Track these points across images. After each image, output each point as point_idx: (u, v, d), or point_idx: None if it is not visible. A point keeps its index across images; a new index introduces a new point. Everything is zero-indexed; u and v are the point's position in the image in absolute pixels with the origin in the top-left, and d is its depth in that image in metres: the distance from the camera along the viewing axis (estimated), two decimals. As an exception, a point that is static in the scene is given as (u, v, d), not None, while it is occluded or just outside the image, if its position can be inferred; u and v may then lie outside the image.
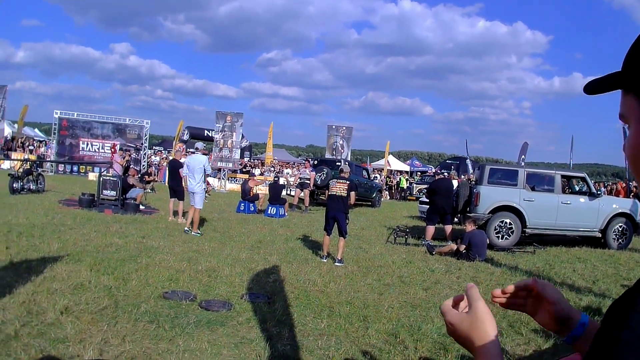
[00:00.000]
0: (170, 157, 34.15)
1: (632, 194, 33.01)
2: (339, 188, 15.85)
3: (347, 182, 15.98)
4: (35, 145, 60.14)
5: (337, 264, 15.13)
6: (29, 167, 29.06)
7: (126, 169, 29.04)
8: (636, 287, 1.21)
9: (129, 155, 37.08)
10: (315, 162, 40.57)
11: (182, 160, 22.07)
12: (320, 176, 32.09)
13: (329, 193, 16.17)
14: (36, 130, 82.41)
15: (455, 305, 1.76)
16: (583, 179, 22.81)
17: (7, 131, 58.81)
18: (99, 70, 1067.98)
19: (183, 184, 20.39)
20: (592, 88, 1.54)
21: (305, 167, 35.39)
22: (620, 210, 21.56)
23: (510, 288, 1.92)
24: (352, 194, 16.08)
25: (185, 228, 18.87)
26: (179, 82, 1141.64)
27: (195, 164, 19.83)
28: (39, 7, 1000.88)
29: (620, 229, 21.52)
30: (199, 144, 23.69)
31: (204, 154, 21.70)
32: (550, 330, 1.92)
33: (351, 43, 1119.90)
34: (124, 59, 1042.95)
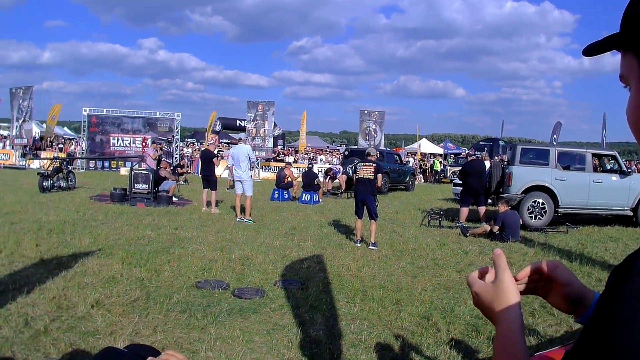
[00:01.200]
0: (202, 148, 34.21)
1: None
2: (366, 171, 15.91)
3: (374, 165, 16.02)
4: (64, 143, 60.51)
5: (371, 247, 15.17)
6: (58, 164, 29.20)
7: (158, 162, 29.13)
8: (631, 257, 1.17)
9: (160, 149, 37.21)
10: (346, 152, 40.64)
11: (216, 151, 22.22)
12: (351, 168, 32.07)
13: (357, 177, 16.23)
14: (65, 128, 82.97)
15: (482, 277, 1.73)
16: (614, 157, 22.63)
17: (35, 130, 59.13)
18: (128, 66, 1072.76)
19: (229, 173, 20.67)
20: (591, 50, 1.52)
21: (336, 170, 35.24)
22: (651, 188, 21.29)
23: (523, 274, 1.85)
24: (379, 176, 16.07)
25: (237, 218, 19.20)
26: (210, 74, 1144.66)
27: (240, 153, 20.45)
28: (62, 8, 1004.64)
29: (651, 207, 21.29)
30: (242, 135, 24.05)
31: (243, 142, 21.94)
32: (563, 311, 1.86)
33: (381, 28, 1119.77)
34: (152, 54, 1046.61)
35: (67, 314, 8.06)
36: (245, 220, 18.86)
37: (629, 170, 21.98)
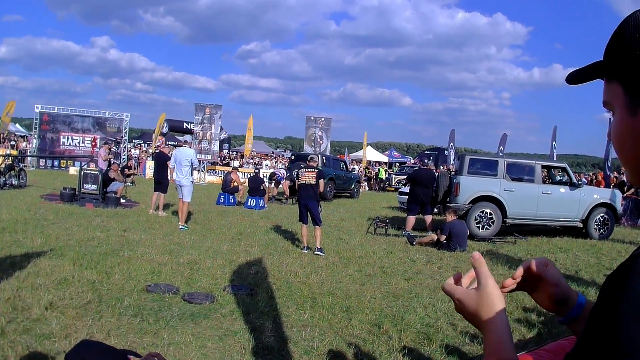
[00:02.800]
0: (150, 150, 33.92)
1: (612, 184, 33.31)
2: (307, 177, 16.12)
3: (316, 171, 16.26)
4: (16, 140, 59.81)
5: (317, 252, 15.30)
6: (10, 162, 29.04)
7: (108, 163, 29.03)
8: (631, 259, 1.24)
9: (110, 149, 37.07)
10: (292, 157, 40.77)
11: (170, 154, 21.99)
12: (296, 172, 32.14)
13: (299, 183, 16.44)
14: (17, 125, 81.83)
15: (457, 282, 1.79)
16: (564, 169, 22.91)
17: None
18: (80, 64, 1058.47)
19: (169, 176, 20.30)
20: (575, 78, 1.60)
21: (280, 175, 35.19)
22: (601, 201, 21.72)
23: (518, 274, 1.92)
24: (321, 181, 16.30)
25: (180, 226, 18.76)
26: (159, 75, 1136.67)
27: (182, 156, 19.76)
28: (21, 2, 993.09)
29: (601, 219, 21.71)
30: (187, 137, 23.62)
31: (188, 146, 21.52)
32: (546, 309, 1.94)
33: (330, 34, 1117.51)
34: (104, 53, 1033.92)
35: (23, 316, 8.02)
36: (180, 226, 18.58)
37: (579, 182, 22.20)
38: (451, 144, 52.54)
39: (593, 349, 1.20)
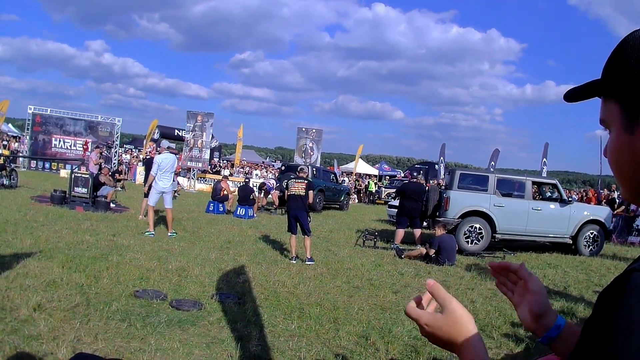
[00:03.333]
0: (141, 156, 33.81)
1: (604, 201, 33.43)
2: (297, 188, 16.24)
3: (305, 182, 16.40)
4: (8, 140, 59.67)
5: (307, 262, 15.41)
6: (2, 162, 29.09)
7: (99, 167, 28.97)
8: (626, 273, 1.25)
9: (101, 153, 37.05)
10: (283, 167, 40.77)
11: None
12: (285, 182, 32.09)
13: (288, 193, 16.49)
14: (10, 125, 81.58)
15: (418, 305, 1.78)
16: (554, 186, 22.92)
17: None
18: (74, 67, 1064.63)
19: (147, 183, 19.92)
20: (572, 96, 1.63)
21: (269, 186, 35.22)
22: (591, 218, 21.74)
23: (502, 265, 1.99)
24: (310, 192, 16.39)
25: (148, 232, 18.38)
26: (151, 81, 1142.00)
27: (168, 163, 19.09)
28: (17, 2, 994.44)
29: (591, 236, 21.70)
30: (164, 142, 23.18)
31: (172, 152, 21.19)
32: (527, 328, 1.94)
33: (324, 46, 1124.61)
34: (98, 57, 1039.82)
35: (11, 316, 8.02)
36: (168, 233, 18.57)
37: (570, 199, 22.21)
38: (441, 158, 52.56)
39: (588, 357, 1.21)
